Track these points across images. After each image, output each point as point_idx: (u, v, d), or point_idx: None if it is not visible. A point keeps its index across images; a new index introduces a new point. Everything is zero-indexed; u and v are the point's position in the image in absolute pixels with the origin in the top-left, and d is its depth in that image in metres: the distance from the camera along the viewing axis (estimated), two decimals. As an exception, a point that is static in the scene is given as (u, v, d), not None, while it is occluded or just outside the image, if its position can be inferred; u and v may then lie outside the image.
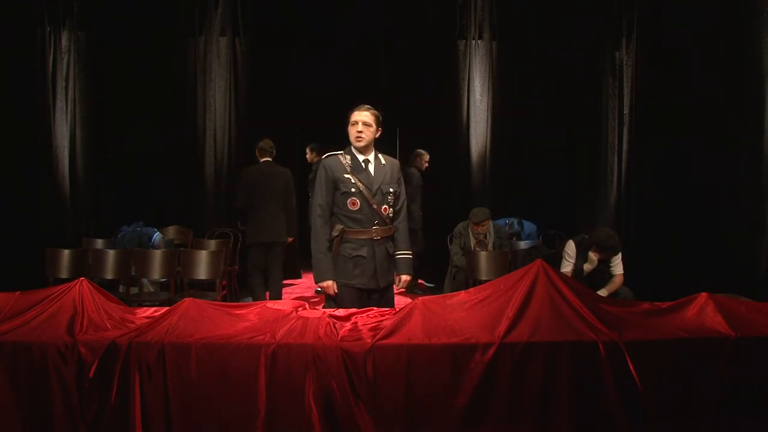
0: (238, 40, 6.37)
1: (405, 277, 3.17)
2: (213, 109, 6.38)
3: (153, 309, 2.64)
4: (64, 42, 6.11)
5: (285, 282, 6.41)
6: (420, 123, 6.52)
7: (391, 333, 2.27)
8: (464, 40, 6.48)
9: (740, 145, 4.69)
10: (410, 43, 6.31)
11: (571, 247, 4.20)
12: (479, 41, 6.47)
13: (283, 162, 6.36)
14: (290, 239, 5.27)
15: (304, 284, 6.56)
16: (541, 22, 6.34)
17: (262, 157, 5.24)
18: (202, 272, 4.62)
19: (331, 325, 2.37)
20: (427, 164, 6.21)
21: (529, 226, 5.96)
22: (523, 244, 5.44)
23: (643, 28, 5.95)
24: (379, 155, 3.13)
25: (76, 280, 2.56)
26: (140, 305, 3.19)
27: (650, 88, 5.83)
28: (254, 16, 6.35)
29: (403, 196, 3.17)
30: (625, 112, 6.14)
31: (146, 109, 6.23)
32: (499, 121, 6.52)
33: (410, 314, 2.38)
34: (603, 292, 4.01)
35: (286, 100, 6.39)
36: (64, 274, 4.53)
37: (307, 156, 6.28)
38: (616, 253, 4.08)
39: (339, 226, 3.00)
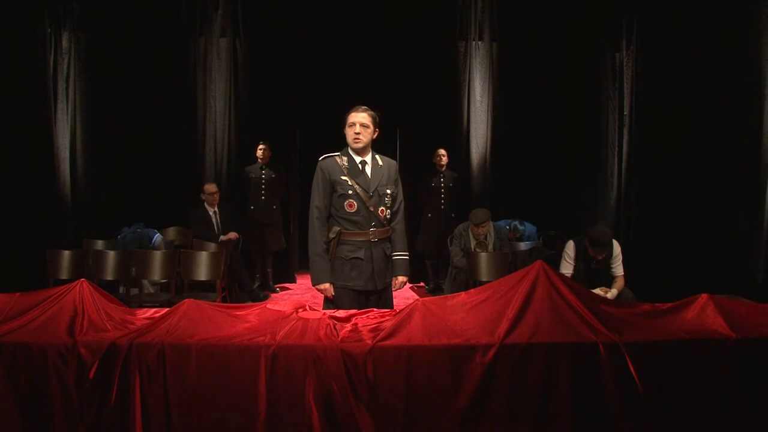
0: (239, 41, 6.38)
1: (402, 278, 3.16)
2: (213, 110, 6.39)
3: (153, 310, 2.64)
4: (64, 43, 6.12)
5: (280, 286, 6.43)
6: (420, 124, 6.52)
7: (391, 334, 2.27)
8: (464, 41, 6.49)
9: (740, 145, 4.68)
10: (410, 44, 6.32)
11: (570, 248, 4.18)
12: (479, 42, 6.48)
13: (284, 162, 6.39)
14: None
15: (301, 287, 6.55)
16: (541, 23, 6.35)
17: None
18: (202, 273, 4.63)
19: (332, 326, 2.37)
20: (440, 159, 6.13)
21: (529, 228, 5.95)
22: (524, 246, 5.43)
23: (643, 29, 5.95)
24: (377, 156, 3.12)
25: (77, 281, 2.56)
26: (140, 306, 3.19)
27: (650, 88, 5.83)
28: (254, 17, 6.36)
29: (400, 197, 3.15)
30: (625, 112, 6.13)
31: (146, 109, 6.24)
32: (500, 122, 6.53)
33: (410, 315, 2.38)
34: (612, 293, 3.99)
35: (286, 100, 6.40)
36: (64, 275, 4.53)
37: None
38: (607, 250, 4.02)
39: (336, 228, 3.00)
